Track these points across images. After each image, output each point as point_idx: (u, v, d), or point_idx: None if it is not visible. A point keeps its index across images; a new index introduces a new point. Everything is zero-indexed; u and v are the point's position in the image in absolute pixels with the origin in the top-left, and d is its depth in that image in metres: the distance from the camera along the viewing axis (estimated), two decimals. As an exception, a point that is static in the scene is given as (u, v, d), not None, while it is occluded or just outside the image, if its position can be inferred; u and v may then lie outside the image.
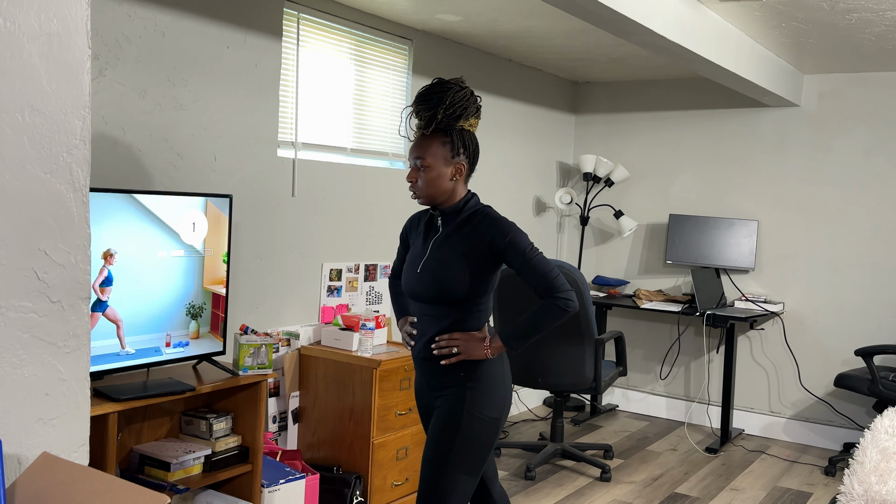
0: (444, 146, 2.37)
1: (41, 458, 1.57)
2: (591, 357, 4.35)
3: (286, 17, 3.80)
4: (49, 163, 1.63)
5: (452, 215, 2.44)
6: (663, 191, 5.85)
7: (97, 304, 2.74)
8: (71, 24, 1.65)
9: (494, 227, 2.36)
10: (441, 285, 2.37)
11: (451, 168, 2.39)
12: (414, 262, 2.48)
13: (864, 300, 5.18)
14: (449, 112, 2.34)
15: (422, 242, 2.50)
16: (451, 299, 2.38)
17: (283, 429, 3.87)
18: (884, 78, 5.10)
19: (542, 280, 2.35)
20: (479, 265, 2.37)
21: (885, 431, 2.63)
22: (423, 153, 2.37)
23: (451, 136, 2.37)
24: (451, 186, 2.41)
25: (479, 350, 2.38)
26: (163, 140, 3.29)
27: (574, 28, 4.37)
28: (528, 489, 4.25)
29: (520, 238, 2.36)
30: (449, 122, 2.36)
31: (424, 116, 2.35)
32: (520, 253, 2.35)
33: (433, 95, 2.34)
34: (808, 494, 4.38)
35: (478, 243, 2.37)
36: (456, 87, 2.35)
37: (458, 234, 2.41)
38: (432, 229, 2.49)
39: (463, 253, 2.37)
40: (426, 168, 2.37)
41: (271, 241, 3.81)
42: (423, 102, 2.36)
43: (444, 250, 2.40)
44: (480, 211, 2.42)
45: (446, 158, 2.38)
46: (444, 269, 2.38)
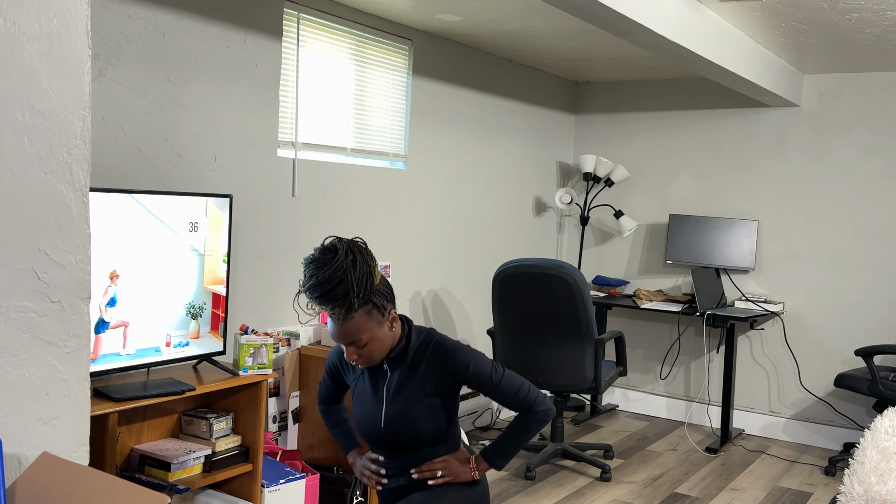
0: (371, 315, 2.13)
1: (41, 458, 1.57)
2: (591, 357, 4.35)
3: (286, 17, 3.80)
4: (49, 163, 1.63)
5: (399, 357, 2.25)
6: (663, 191, 5.85)
7: (100, 323, 2.74)
8: (71, 24, 1.65)
9: (452, 359, 2.21)
10: (414, 435, 2.24)
11: (386, 324, 2.18)
12: (371, 415, 2.28)
13: (864, 300, 5.18)
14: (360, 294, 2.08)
15: (370, 390, 2.30)
16: (429, 440, 2.27)
17: (283, 429, 3.87)
18: (884, 78, 5.10)
19: (516, 400, 2.25)
20: (444, 400, 2.25)
21: (885, 431, 2.63)
22: (356, 335, 2.13)
23: (372, 302, 2.13)
24: (393, 335, 2.23)
25: (466, 473, 2.29)
26: (163, 140, 3.29)
27: (574, 28, 4.37)
28: (528, 489, 4.25)
29: (481, 364, 2.22)
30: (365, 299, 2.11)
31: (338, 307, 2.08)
32: (486, 380, 2.23)
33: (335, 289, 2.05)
34: (808, 494, 4.38)
35: (439, 380, 2.23)
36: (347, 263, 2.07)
37: (413, 377, 2.24)
38: (378, 374, 2.29)
39: (426, 395, 2.23)
40: (366, 343, 2.15)
41: (271, 241, 3.81)
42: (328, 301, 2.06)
43: (404, 399, 2.24)
44: (427, 342, 2.25)
45: (379, 322, 2.15)
46: (412, 419, 2.23)
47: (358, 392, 2.34)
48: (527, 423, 2.28)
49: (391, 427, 2.25)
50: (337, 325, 2.13)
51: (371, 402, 2.29)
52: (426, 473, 2.27)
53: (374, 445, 2.32)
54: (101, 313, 2.74)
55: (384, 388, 2.28)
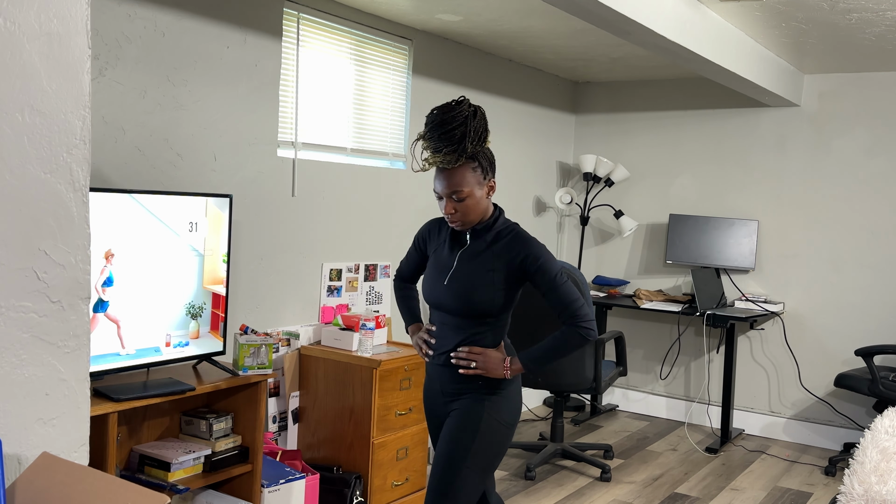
0: (475, 172, 2.36)
1: (41, 458, 1.57)
2: (591, 357, 4.35)
3: (286, 17, 3.80)
4: (49, 163, 1.63)
5: (482, 231, 2.43)
6: (663, 191, 5.85)
7: (98, 304, 2.75)
8: (71, 24, 1.65)
9: (527, 248, 2.37)
10: (468, 299, 2.38)
11: (485, 189, 2.39)
12: (440, 273, 2.47)
13: (864, 300, 5.18)
14: (476, 139, 2.31)
15: (447, 253, 2.48)
16: (476, 313, 2.40)
17: (283, 429, 3.87)
18: (884, 78, 5.10)
19: (568, 308, 2.36)
20: (506, 283, 2.38)
21: (885, 431, 2.63)
22: (459, 184, 2.34)
23: (479, 161, 2.36)
24: (487, 205, 2.43)
25: (499, 370, 2.40)
26: (163, 140, 3.29)
27: (574, 28, 4.37)
28: (528, 489, 4.25)
29: (551, 262, 2.37)
30: (476, 151, 2.34)
31: (450, 151, 2.30)
32: (549, 278, 2.36)
33: (454, 129, 2.29)
34: (808, 494, 4.38)
35: (508, 262, 2.37)
36: (469, 112, 2.31)
37: (489, 250, 2.41)
38: (458, 241, 2.48)
39: (492, 269, 2.38)
40: (465, 197, 2.35)
41: (271, 241, 3.81)
42: (447, 137, 2.29)
43: (474, 265, 2.40)
44: (511, 229, 2.43)
45: (480, 182, 2.37)
46: (472, 284, 2.38)
47: (435, 255, 2.52)
48: (567, 336, 2.37)
49: (452, 286, 2.41)
50: (444, 175, 2.35)
51: (445, 261, 2.47)
52: (462, 361, 2.41)
53: (432, 306, 2.48)
54: (98, 293, 2.74)
55: (459, 252, 2.45)
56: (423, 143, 2.36)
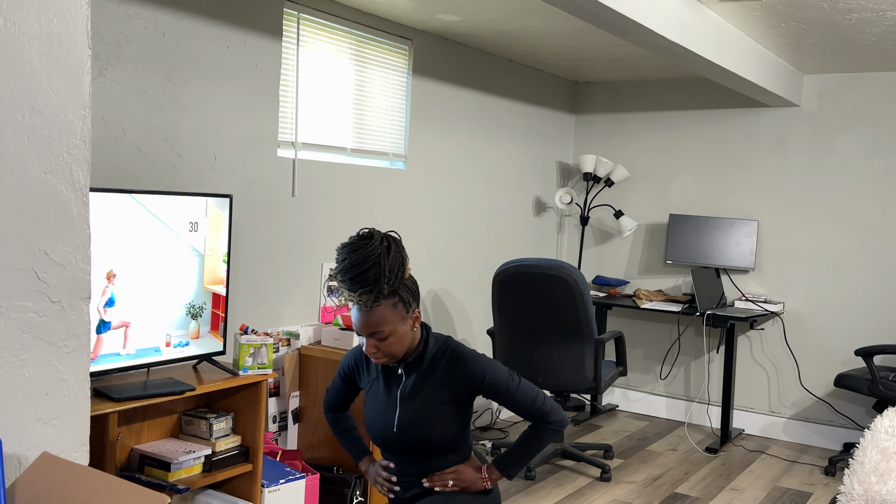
0: (396, 308, 2.15)
1: (41, 458, 1.57)
2: (591, 357, 4.35)
3: (286, 17, 3.80)
4: (49, 163, 1.63)
5: (416, 362, 2.26)
6: (663, 191, 5.85)
7: (100, 325, 2.74)
8: (71, 24, 1.65)
9: (468, 367, 2.22)
10: (428, 441, 2.24)
11: (409, 322, 2.20)
12: (384, 420, 2.28)
13: (864, 300, 5.18)
14: (391, 280, 2.11)
15: (383, 393, 2.30)
16: (440, 448, 2.27)
17: (283, 429, 3.87)
18: (884, 78, 5.10)
19: (532, 410, 2.26)
20: (459, 408, 2.25)
21: (885, 431, 2.63)
22: (378, 326, 2.14)
23: (399, 295, 2.15)
24: (414, 336, 2.24)
25: (478, 483, 2.30)
26: (163, 140, 3.29)
27: (574, 28, 4.37)
28: (528, 489, 4.25)
29: (497, 374, 2.23)
30: (393, 287, 2.13)
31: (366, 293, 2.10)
32: (503, 389, 2.23)
33: (367, 271, 2.08)
34: (808, 494, 4.38)
35: (454, 388, 2.23)
36: (382, 248, 2.11)
37: (428, 382, 2.24)
38: (391, 376, 2.30)
39: (440, 402, 2.23)
40: (387, 336, 2.16)
41: (271, 241, 3.81)
42: (359, 280, 2.09)
43: (418, 403, 2.24)
44: (444, 350, 2.26)
45: (402, 317, 2.17)
46: (426, 425, 2.23)
47: (371, 396, 2.33)
48: (540, 434, 2.28)
49: (404, 432, 2.24)
50: (362, 315, 2.15)
51: (384, 405, 2.28)
52: (437, 484, 2.27)
53: (386, 451, 2.32)
54: (100, 314, 2.74)
55: (398, 392, 2.27)
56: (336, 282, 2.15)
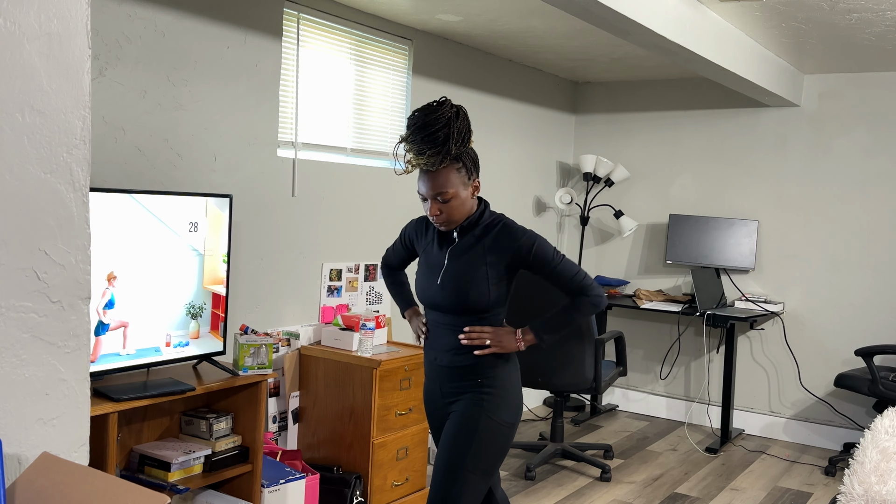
0: (460, 172, 2.35)
1: (41, 458, 1.57)
2: (591, 357, 4.35)
3: (286, 17, 3.80)
4: (49, 163, 1.63)
5: (470, 227, 2.43)
6: (663, 191, 5.85)
7: (99, 326, 2.74)
8: (71, 24, 1.65)
9: (518, 237, 2.37)
10: (464, 297, 2.37)
11: (469, 189, 2.39)
12: (431, 272, 2.46)
13: (864, 300, 5.18)
14: (459, 140, 2.30)
15: (436, 251, 2.47)
16: (471, 309, 2.39)
17: (283, 429, 3.87)
18: (884, 78, 5.10)
19: (573, 282, 2.37)
20: (500, 276, 2.38)
21: (885, 431, 2.63)
22: (443, 187, 2.33)
23: (463, 161, 2.35)
24: (472, 204, 2.42)
25: (512, 342, 2.40)
26: (163, 140, 3.29)
27: (574, 28, 4.37)
28: (529, 489, 4.25)
29: (544, 246, 2.37)
30: (459, 151, 2.33)
31: (434, 153, 2.28)
32: (547, 261, 2.37)
33: (437, 131, 2.26)
34: (808, 494, 4.38)
35: (501, 254, 2.37)
36: (452, 112, 2.28)
37: (478, 245, 2.40)
38: (446, 238, 2.47)
39: (485, 264, 2.37)
40: (450, 199, 2.34)
41: (271, 241, 3.81)
42: (430, 139, 2.27)
43: (465, 261, 2.39)
44: (498, 221, 2.42)
45: (464, 183, 2.36)
46: (466, 281, 2.37)
47: (425, 255, 2.51)
48: (578, 305, 2.39)
49: (446, 285, 2.40)
50: (428, 177, 2.34)
51: (434, 261, 2.46)
52: (475, 340, 2.38)
53: (427, 304, 2.48)
54: (99, 316, 2.74)
55: (448, 251, 2.44)
56: (405, 145, 2.32)
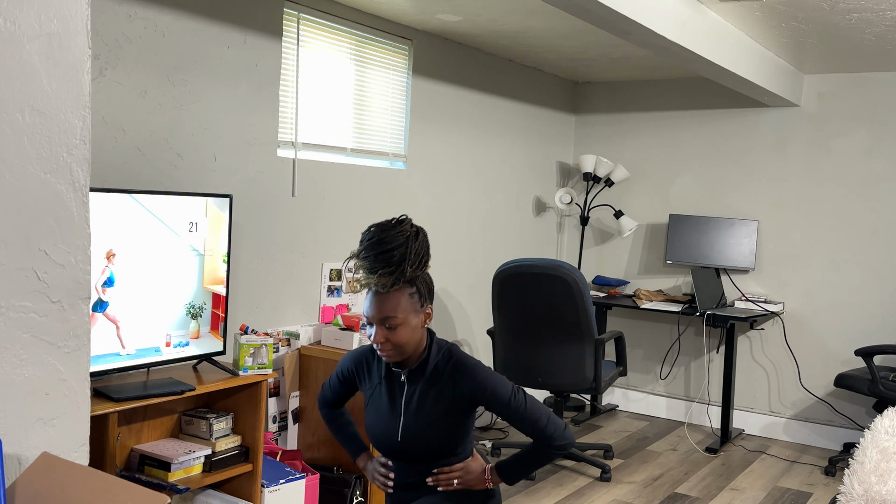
0: (412, 298, 2.16)
1: (41, 458, 1.57)
2: (591, 357, 4.35)
3: (286, 17, 3.80)
4: (49, 163, 1.63)
5: (419, 371, 2.24)
6: (663, 191, 5.85)
7: (98, 304, 2.75)
8: (71, 24, 1.65)
9: (471, 379, 2.19)
10: (429, 450, 2.23)
11: (420, 317, 2.19)
12: (388, 427, 2.27)
13: (864, 300, 5.18)
14: (415, 263, 2.13)
15: (388, 402, 2.28)
16: (444, 454, 2.26)
17: (283, 429, 3.87)
18: (884, 78, 5.10)
19: (534, 430, 2.21)
20: (461, 417, 2.23)
21: (885, 431, 2.63)
22: (393, 311, 2.12)
23: (417, 286, 2.17)
24: (422, 335, 2.22)
25: (481, 482, 2.29)
26: (163, 140, 3.29)
27: (574, 28, 4.37)
28: (528, 489, 4.25)
29: (499, 388, 2.19)
30: (415, 274, 2.15)
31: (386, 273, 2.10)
32: (504, 404, 2.19)
33: (393, 250, 2.10)
34: (808, 494, 4.38)
35: (457, 399, 2.20)
36: (411, 232, 2.14)
37: (433, 391, 2.22)
38: (396, 386, 2.28)
39: (443, 412, 2.21)
40: (398, 326, 2.14)
41: (271, 241, 3.81)
42: (383, 259, 2.10)
43: (422, 413, 2.22)
44: (447, 358, 2.23)
45: (416, 310, 2.17)
46: (429, 435, 2.22)
47: (373, 403, 2.31)
48: (542, 454, 2.24)
49: (408, 441, 2.24)
50: (377, 299, 2.15)
51: (388, 415, 2.27)
52: (442, 483, 2.26)
53: (389, 457, 2.31)
54: (98, 293, 2.74)
55: (402, 401, 2.26)
56: (356, 261, 2.16)
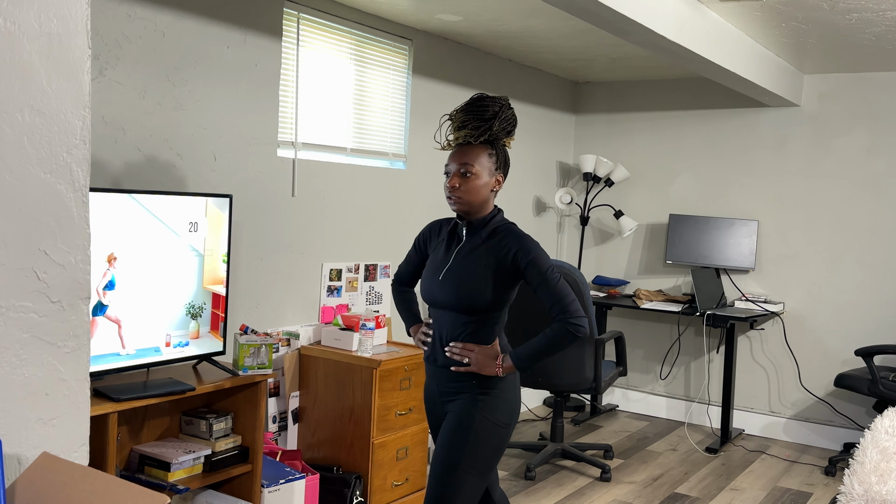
0: (491, 157, 2.40)
1: (41, 458, 1.57)
2: (591, 357, 4.35)
3: (286, 17, 3.80)
4: (49, 163, 1.63)
5: (478, 227, 2.46)
6: (663, 191, 5.85)
7: (98, 307, 2.75)
8: (71, 24, 1.65)
9: (519, 243, 2.39)
10: (462, 294, 2.40)
11: (492, 179, 2.43)
12: (435, 269, 2.50)
13: (864, 300, 5.18)
14: (503, 126, 2.38)
15: (444, 250, 2.51)
16: (470, 308, 2.41)
17: (283, 429, 3.87)
18: (884, 78, 5.10)
19: (558, 302, 2.36)
20: (500, 279, 2.39)
21: (885, 431, 2.63)
22: (471, 160, 2.38)
23: (496, 150, 2.42)
24: (488, 198, 2.44)
25: (492, 368, 2.41)
26: (163, 140, 3.29)
27: (574, 28, 4.37)
28: (528, 489, 4.25)
29: (542, 258, 2.38)
30: (499, 136, 2.40)
31: (476, 126, 2.37)
32: (540, 272, 2.37)
33: (487, 108, 2.36)
34: (808, 494, 4.38)
35: (501, 257, 2.39)
36: (505, 103, 2.40)
37: (483, 246, 2.43)
38: (455, 238, 2.51)
39: (486, 265, 2.40)
40: (472, 175, 2.38)
41: (271, 241, 3.81)
42: (477, 113, 2.37)
43: (468, 261, 2.43)
44: (505, 226, 2.45)
45: (490, 170, 2.41)
46: (466, 279, 2.40)
47: (433, 257, 2.55)
48: (559, 333, 2.37)
49: (445, 281, 2.44)
50: (460, 149, 2.41)
51: (440, 259, 2.50)
52: (456, 355, 2.42)
53: (428, 301, 2.51)
54: (99, 296, 2.74)
55: (455, 249, 2.48)
56: (451, 121, 2.40)
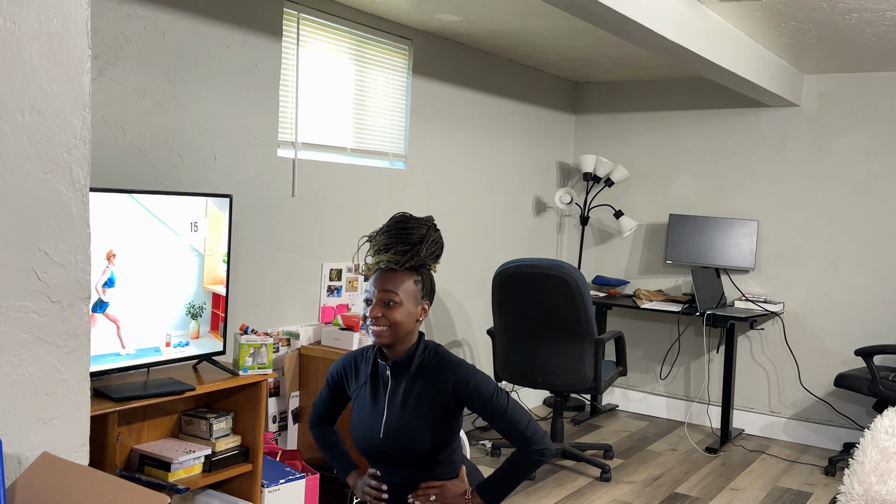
0: (416, 285, 2.21)
1: (41, 458, 1.57)
2: (591, 357, 4.35)
3: (286, 17, 3.80)
4: (49, 163, 1.63)
5: (404, 365, 2.24)
6: (663, 191, 5.85)
7: (98, 304, 2.75)
8: (71, 24, 1.65)
9: (454, 374, 2.19)
10: (411, 451, 2.20)
11: (418, 308, 2.22)
12: (370, 424, 2.26)
13: (864, 300, 5.18)
14: (430, 251, 2.21)
15: (370, 398, 2.28)
16: (425, 461, 2.23)
17: (283, 429, 3.87)
18: (884, 78, 5.10)
19: (515, 430, 2.20)
20: (445, 417, 2.21)
21: (885, 431, 2.63)
22: (395, 287, 2.17)
23: (422, 276, 2.23)
24: (414, 328, 2.23)
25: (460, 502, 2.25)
26: (163, 140, 3.29)
27: (574, 28, 4.37)
28: (528, 489, 4.25)
29: (483, 384, 2.19)
30: (426, 262, 2.21)
31: (402, 251, 2.17)
32: (487, 401, 2.19)
33: (413, 231, 2.18)
34: (808, 494, 4.38)
35: (440, 395, 2.20)
36: (431, 225, 2.22)
37: (416, 387, 2.22)
38: (379, 382, 2.28)
39: (428, 411, 2.20)
40: (396, 304, 2.17)
41: (271, 241, 3.81)
42: (401, 237, 2.18)
43: (405, 412, 2.21)
44: (433, 357, 2.24)
45: (416, 299, 2.21)
46: (411, 434, 2.19)
47: (358, 402, 2.31)
48: (523, 462, 2.22)
49: (390, 438, 2.22)
50: (383, 276, 2.20)
51: (371, 411, 2.26)
52: (420, 497, 2.24)
53: (371, 459, 2.29)
54: (98, 293, 2.74)
55: (386, 397, 2.25)
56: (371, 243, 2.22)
